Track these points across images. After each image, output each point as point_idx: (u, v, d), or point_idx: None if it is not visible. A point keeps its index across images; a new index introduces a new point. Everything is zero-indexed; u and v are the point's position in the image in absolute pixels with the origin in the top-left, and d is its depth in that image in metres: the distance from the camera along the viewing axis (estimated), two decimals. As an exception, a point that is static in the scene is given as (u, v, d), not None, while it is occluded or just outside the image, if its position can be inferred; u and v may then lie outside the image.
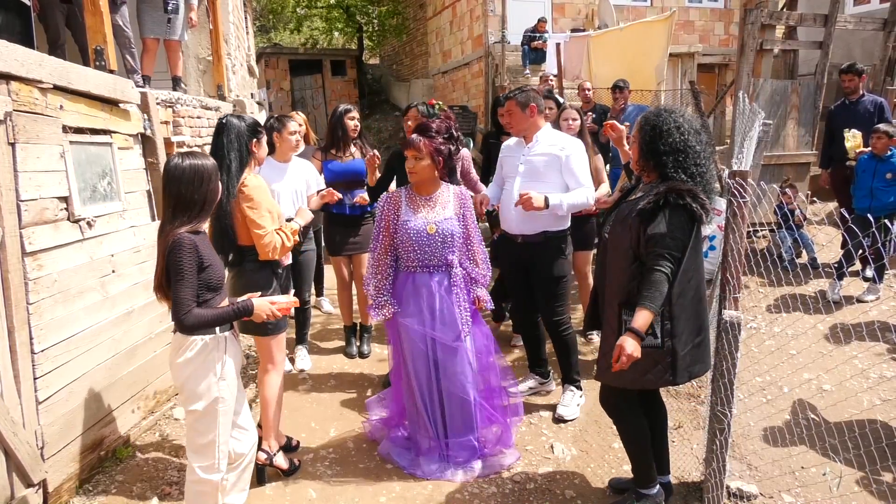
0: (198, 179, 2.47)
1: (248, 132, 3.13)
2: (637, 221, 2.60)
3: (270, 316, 2.61)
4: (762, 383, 4.17)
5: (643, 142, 2.69)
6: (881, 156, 5.24)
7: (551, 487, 3.25)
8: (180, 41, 5.92)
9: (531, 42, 11.88)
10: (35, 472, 2.84)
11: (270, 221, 3.07)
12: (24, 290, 2.82)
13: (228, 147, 3.08)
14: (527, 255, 3.80)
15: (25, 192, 2.84)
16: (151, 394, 3.91)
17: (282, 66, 20.32)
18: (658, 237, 2.51)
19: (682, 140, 2.59)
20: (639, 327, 2.45)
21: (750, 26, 6.64)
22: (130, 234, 3.74)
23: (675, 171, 2.59)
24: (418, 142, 3.20)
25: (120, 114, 3.80)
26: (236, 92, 8.01)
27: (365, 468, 3.46)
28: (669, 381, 2.68)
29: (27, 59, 2.90)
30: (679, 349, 2.61)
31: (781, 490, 3.13)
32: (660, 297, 2.47)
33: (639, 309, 2.47)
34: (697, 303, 2.68)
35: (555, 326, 3.86)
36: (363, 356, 4.98)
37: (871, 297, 5.40)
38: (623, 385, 2.79)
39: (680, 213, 2.53)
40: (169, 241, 2.41)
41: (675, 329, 2.60)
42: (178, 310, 2.37)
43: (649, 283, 2.48)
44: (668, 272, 2.49)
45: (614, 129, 3.34)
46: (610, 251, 2.80)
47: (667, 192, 2.53)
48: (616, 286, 2.72)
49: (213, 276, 2.49)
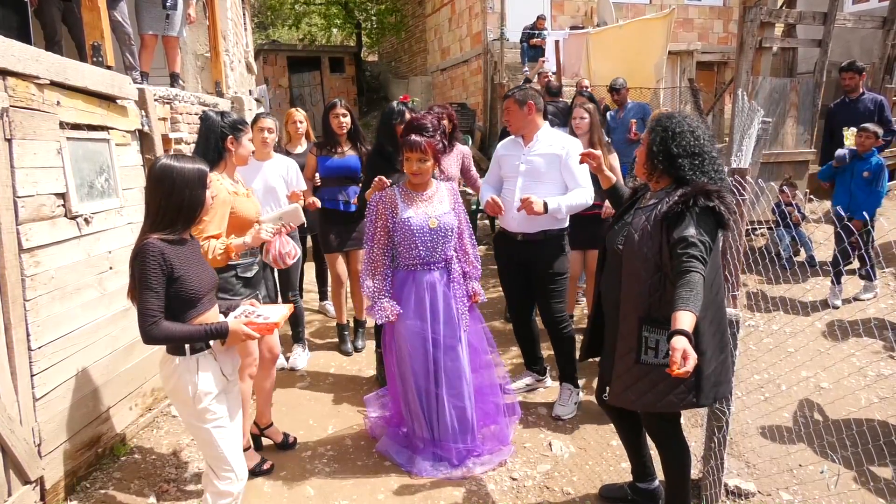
0: (168, 183, 2.30)
1: (226, 128, 3.08)
2: (660, 227, 2.40)
3: (247, 338, 2.42)
4: (760, 381, 4.17)
5: (653, 143, 2.51)
6: (861, 154, 5.26)
7: (549, 485, 3.25)
8: (178, 37, 5.90)
9: (530, 39, 11.88)
10: (32, 469, 2.84)
11: (212, 226, 2.91)
12: (21, 287, 2.81)
13: (199, 141, 3.09)
14: (526, 253, 3.80)
15: (22, 188, 2.83)
16: (149, 391, 3.91)
17: (280, 63, 20.31)
18: (689, 239, 2.28)
19: (699, 144, 2.45)
20: (688, 328, 2.10)
21: (749, 24, 6.63)
22: (128, 231, 3.73)
23: (694, 174, 2.43)
24: (423, 143, 3.12)
25: (117, 110, 3.79)
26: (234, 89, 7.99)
27: (363, 465, 3.46)
28: (693, 404, 2.47)
29: (24, 54, 2.89)
30: (704, 367, 2.40)
31: (779, 488, 3.13)
32: (699, 300, 2.18)
33: (679, 311, 2.14)
34: (718, 315, 2.51)
35: (555, 324, 3.85)
36: (357, 351, 4.99)
37: (868, 296, 5.42)
38: (642, 409, 2.60)
39: (708, 215, 2.34)
40: (136, 247, 2.27)
41: (700, 345, 2.35)
42: (143, 321, 2.20)
43: (686, 285, 2.20)
44: (703, 273, 2.23)
45: (592, 157, 3.02)
46: (627, 264, 2.53)
47: (694, 193, 2.34)
48: (635, 301, 2.48)
49: (185, 289, 2.28)
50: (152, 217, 2.32)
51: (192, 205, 2.36)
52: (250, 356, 3.21)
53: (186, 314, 2.33)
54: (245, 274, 3.23)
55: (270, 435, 3.61)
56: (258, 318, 2.49)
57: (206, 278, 2.42)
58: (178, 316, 2.30)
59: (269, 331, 2.52)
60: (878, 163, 5.22)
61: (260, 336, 2.49)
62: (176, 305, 2.29)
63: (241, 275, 3.20)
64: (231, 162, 3.17)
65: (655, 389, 2.41)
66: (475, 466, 3.34)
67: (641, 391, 2.48)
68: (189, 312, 2.33)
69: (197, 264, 2.39)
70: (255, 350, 3.26)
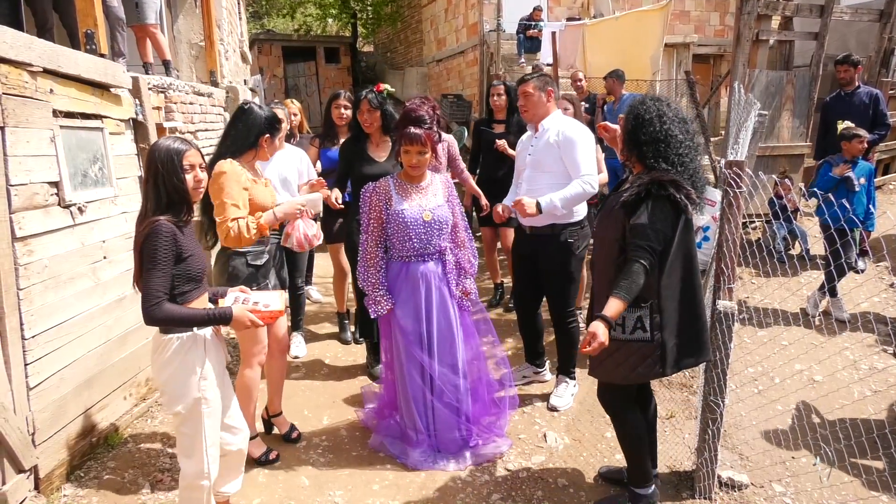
0: (168, 165, 2.31)
1: (264, 124, 3.09)
2: (622, 213, 2.55)
3: (252, 324, 2.44)
4: (754, 374, 4.19)
5: (625, 131, 2.65)
6: (851, 160, 5.17)
7: (544, 476, 3.26)
8: (157, 24, 5.87)
9: (526, 31, 11.83)
10: (26, 458, 2.83)
11: (235, 210, 2.92)
12: (14, 276, 2.79)
13: (232, 131, 3.09)
14: (535, 247, 3.77)
15: (15, 176, 2.81)
16: (143, 381, 3.90)
17: (275, 53, 20.18)
18: (639, 228, 2.46)
19: (664, 129, 2.52)
20: (610, 316, 2.37)
21: (746, 17, 6.62)
22: (122, 220, 3.71)
23: (656, 161, 2.53)
24: (422, 136, 3.07)
25: (111, 98, 3.76)
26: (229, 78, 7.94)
27: (358, 456, 3.46)
28: (660, 374, 2.64)
29: (16, 41, 2.86)
30: (668, 341, 2.58)
31: (772, 479, 3.15)
32: (634, 289, 2.40)
33: (611, 297, 2.40)
34: (688, 294, 2.61)
35: (561, 319, 3.84)
36: (357, 342, 4.97)
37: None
38: (614, 381, 2.76)
39: (663, 203, 2.47)
40: (146, 228, 2.28)
41: (662, 321, 2.56)
42: (147, 300, 2.22)
43: (625, 273, 2.42)
44: (646, 264, 2.42)
45: (607, 129, 3.08)
46: (597, 245, 2.78)
47: (649, 183, 2.47)
48: (605, 280, 2.66)
49: (193, 267, 2.37)
50: (156, 197, 2.32)
51: (179, 186, 2.34)
52: (259, 344, 3.22)
53: (191, 293, 2.39)
54: (255, 262, 3.19)
55: (278, 424, 3.61)
56: (257, 304, 2.52)
57: (204, 258, 2.49)
58: (184, 294, 2.36)
59: (272, 319, 2.55)
60: (868, 168, 5.21)
61: (263, 324, 2.52)
62: (184, 284, 2.35)
63: (251, 262, 3.17)
64: (257, 156, 3.17)
65: (626, 363, 2.60)
66: (470, 458, 3.35)
67: (614, 365, 2.66)
68: (194, 291, 2.40)
69: (196, 245, 2.45)
70: (264, 338, 3.26)
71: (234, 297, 2.58)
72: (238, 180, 2.97)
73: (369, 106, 3.89)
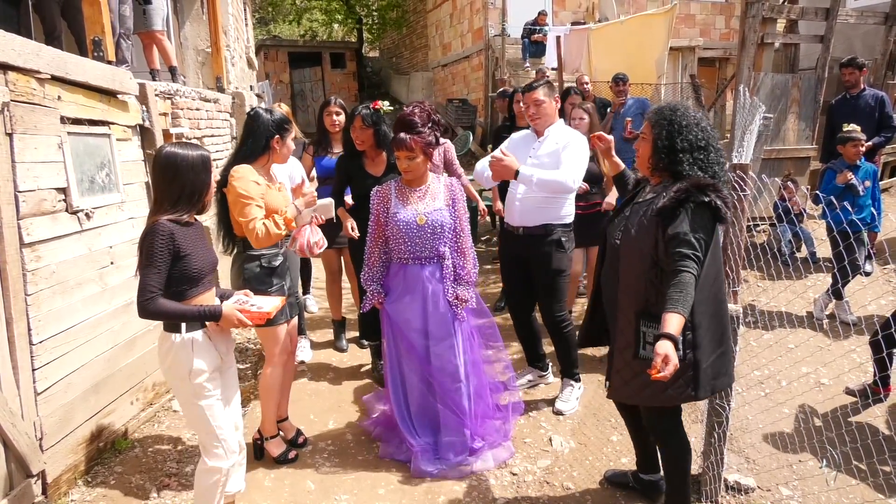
0: (172, 168, 2.42)
1: (272, 127, 3.12)
2: (655, 223, 2.38)
3: (239, 324, 2.54)
4: (760, 377, 4.17)
5: (658, 138, 2.47)
6: (851, 164, 5.14)
7: (549, 480, 3.25)
8: (164, 31, 5.93)
9: (531, 35, 11.86)
10: (34, 462, 2.85)
11: (257, 209, 2.99)
12: (22, 281, 2.81)
13: (244, 137, 3.14)
14: (527, 249, 3.78)
15: (23, 182, 2.83)
16: (150, 385, 3.92)
17: (281, 59, 20.29)
18: (681, 236, 2.28)
19: (704, 137, 2.41)
20: (674, 331, 2.15)
21: (751, 20, 6.61)
22: (129, 226, 3.74)
23: (692, 169, 2.40)
24: (409, 141, 3.13)
25: (118, 105, 3.79)
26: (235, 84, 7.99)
27: (364, 460, 3.46)
28: (691, 397, 2.46)
29: (24, 48, 2.88)
30: (702, 361, 2.40)
31: (779, 483, 3.14)
32: (689, 301, 2.20)
33: (668, 313, 2.18)
34: (719, 310, 2.49)
35: (555, 323, 3.84)
36: (362, 346, 4.95)
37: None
38: (641, 403, 2.62)
39: (703, 210, 2.32)
40: (146, 226, 2.40)
41: (696, 339, 2.39)
42: (141, 294, 2.33)
43: (677, 286, 2.22)
44: (695, 273, 2.24)
45: (601, 139, 2.99)
46: (624, 258, 2.54)
47: (689, 189, 2.32)
48: (632, 295, 2.48)
49: (190, 267, 2.43)
50: (161, 199, 2.45)
51: (197, 188, 2.49)
52: (279, 345, 3.28)
53: (189, 291, 2.47)
54: (270, 264, 3.22)
55: (283, 429, 3.60)
56: (251, 306, 2.61)
57: (209, 260, 2.57)
58: (182, 292, 2.44)
59: (261, 319, 2.61)
60: (872, 170, 5.19)
61: (252, 324, 2.61)
62: (181, 282, 2.43)
63: (264, 265, 3.20)
64: (271, 159, 3.19)
65: (654, 384, 2.34)
66: (475, 463, 3.35)
67: (640, 386, 2.48)
68: (192, 290, 2.48)
69: (202, 246, 2.53)
70: (281, 338, 3.29)
71: (236, 298, 2.67)
72: (254, 178, 3.05)
73: (362, 123, 3.87)
